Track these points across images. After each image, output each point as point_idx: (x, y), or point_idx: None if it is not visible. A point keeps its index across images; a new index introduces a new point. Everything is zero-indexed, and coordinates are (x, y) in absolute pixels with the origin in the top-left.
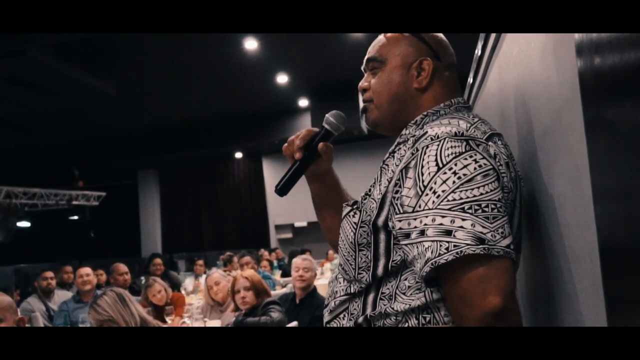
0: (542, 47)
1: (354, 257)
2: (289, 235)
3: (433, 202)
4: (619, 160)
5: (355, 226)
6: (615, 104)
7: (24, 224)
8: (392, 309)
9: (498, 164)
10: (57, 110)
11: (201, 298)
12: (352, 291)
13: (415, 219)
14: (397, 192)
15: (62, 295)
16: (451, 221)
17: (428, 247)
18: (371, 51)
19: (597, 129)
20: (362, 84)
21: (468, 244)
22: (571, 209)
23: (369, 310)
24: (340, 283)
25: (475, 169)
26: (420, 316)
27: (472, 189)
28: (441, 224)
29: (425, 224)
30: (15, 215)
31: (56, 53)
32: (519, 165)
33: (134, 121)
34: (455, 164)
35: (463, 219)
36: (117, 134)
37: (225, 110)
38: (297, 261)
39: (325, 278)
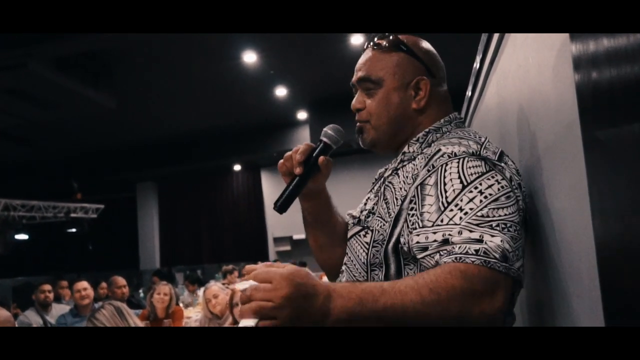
0: (540, 62)
1: (365, 277)
2: (288, 247)
3: (460, 217)
4: (617, 175)
5: (367, 246)
6: (612, 118)
7: (22, 236)
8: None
9: (514, 186)
10: (57, 122)
11: (199, 311)
12: None
13: (435, 233)
14: (412, 209)
15: (59, 309)
16: (480, 235)
17: (456, 245)
18: (362, 69)
19: (595, 143)
20: (356, 104)
21: (497, 259)
22: (571, 223)
23: None
24: None
25: (499, 189)
26: None
27: (499, 209)
28: (469, 238)
29: (451, 234)
30: (13, 228)
31: (57, 66)
32: None
33: (133, 134)
34: (480, 184)
35: (492, 235)
36: (116, 147)
37: (224, 123)
38: None
39: None
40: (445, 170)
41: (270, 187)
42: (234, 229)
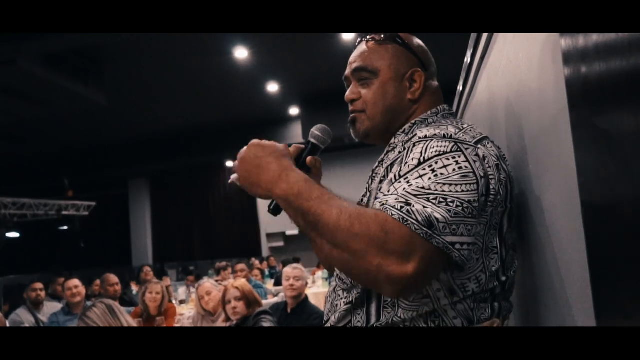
0: (530, 57)
1: None
2: (281, 243)
3: (404, 188)
4: (607, 168)
5: None
6: (602, 112)
7: (13, 234)
8: (399, 317)
9: (487, 166)
10: (47, 119)
11: (192, 308)
12: (352, 299)
13: (380, 203)
14: (380, 189)
15: (51, 307)
16: (413, 203)
17: (387, 205)
18: (358, 61)
19: (585, 137)
20: (350, 94)
21: (418, 222)
22: (560, 216)
23: (373, 321)
24: (339, 295)
25: (454, 169)
26: (429, 321)
27: (444, 185)
28: (402, 203)
29: (387, 201)
30: (4, 226)
31: (46, 62)
32: None
33: (124, 130)
34: (436, 162)
35: (424, 206)
36: (107, 144)
37: (216, 119)
38: (287, 270)
39: (317, 287)
40: (411, 151)
41: None
42: (226, 226)
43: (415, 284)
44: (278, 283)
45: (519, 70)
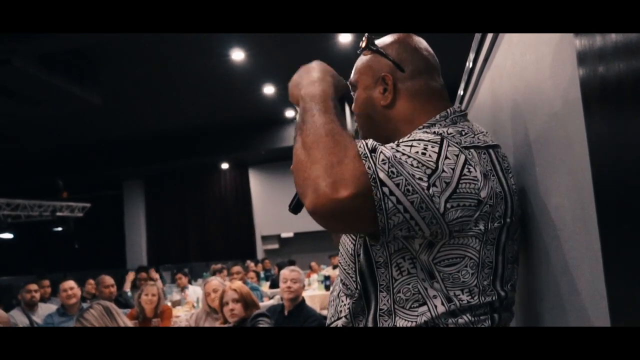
0: (538, 58)
1: (354, 269)
2: (276, 246)
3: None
4: (625, 169)
5: (354, 238)
6: (619, 114)
7: (7, 235)
8: (398, 327)
9: (467, 170)
10: (42, 119)
11: (187, 310)
12: (351, 306)
13: None
14: None
15: (46, 309)
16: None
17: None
18: (351, 76)
19: (601, 139)
20: (353, 107)
21: (366, 144)
22: (570, 219)
23: None
24: (342, 301)
25: (417, 151)
26: None
27: (400, 152)
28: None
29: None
30: None
31: (41, 62)
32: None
33: (120, 131)
34: (406, 142)
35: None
36: (102, 144)
37: (212, 121)
38: (285, 272)
39: (312, 289)
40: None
41: (258, 186)
42: (221, 228)
43: (332, 209)
44: (274, 285)
45: (525, 72)
